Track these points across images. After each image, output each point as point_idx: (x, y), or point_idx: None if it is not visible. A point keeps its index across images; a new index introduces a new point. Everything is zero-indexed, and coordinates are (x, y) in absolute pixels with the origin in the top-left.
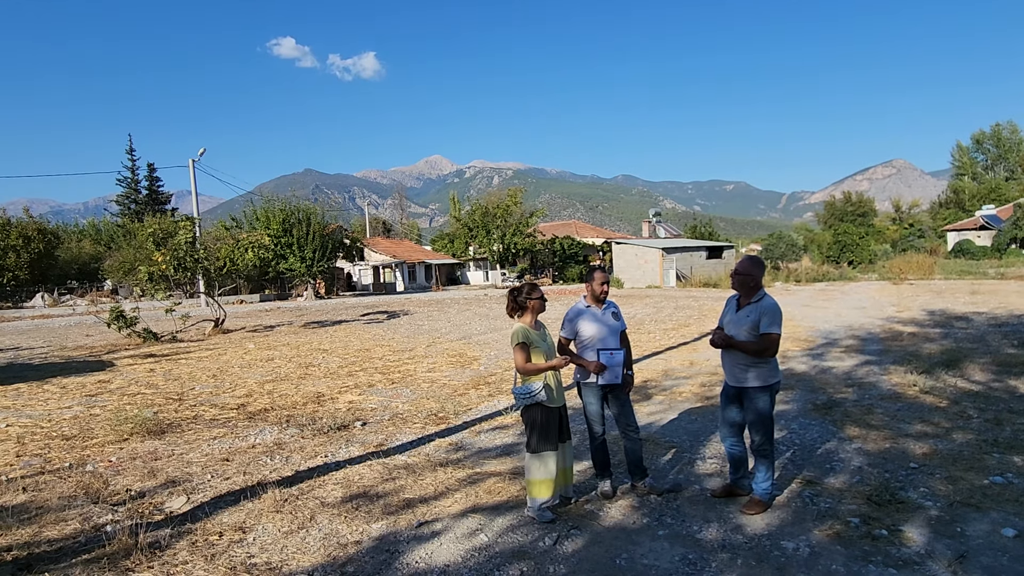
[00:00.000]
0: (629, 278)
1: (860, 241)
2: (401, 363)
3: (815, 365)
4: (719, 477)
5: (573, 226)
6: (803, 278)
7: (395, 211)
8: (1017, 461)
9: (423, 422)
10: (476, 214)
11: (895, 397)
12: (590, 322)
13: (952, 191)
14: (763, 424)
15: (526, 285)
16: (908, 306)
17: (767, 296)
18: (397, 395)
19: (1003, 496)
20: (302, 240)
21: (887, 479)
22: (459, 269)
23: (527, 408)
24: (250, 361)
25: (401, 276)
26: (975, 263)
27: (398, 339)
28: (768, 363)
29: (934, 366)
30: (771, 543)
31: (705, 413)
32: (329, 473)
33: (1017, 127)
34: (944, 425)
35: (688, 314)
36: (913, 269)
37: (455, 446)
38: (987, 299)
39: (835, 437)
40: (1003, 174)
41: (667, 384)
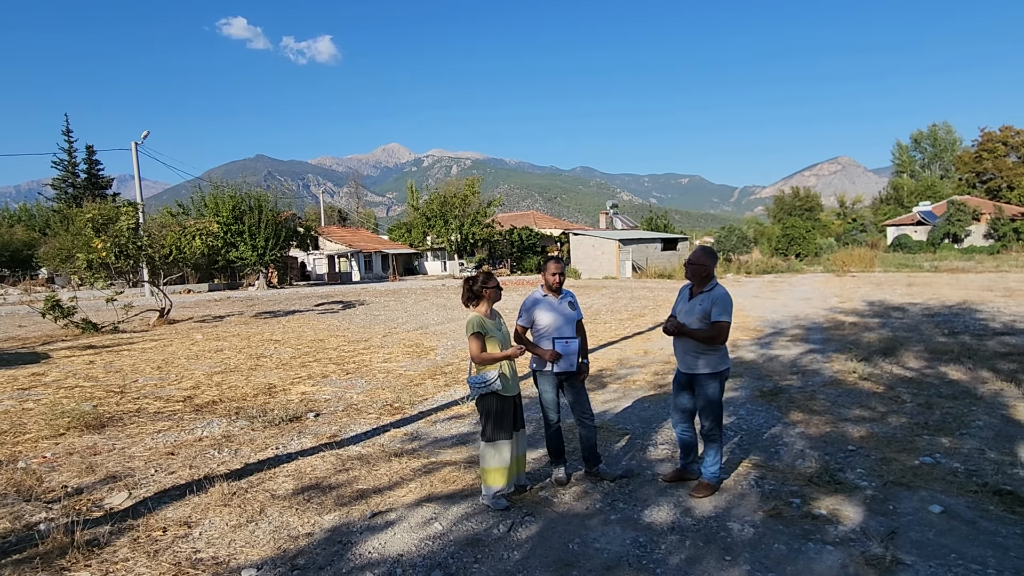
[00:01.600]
0: (586, 269)
1: (807, 235)
2: (356, 353)
3: (763, 353)
4: (670, 462)
5: (531, 217)
6: (753, 270)
7: (351, 199)
8: (945, 442)
9: (378, 412)
10: (434, 203)
11: (836, 383)
12: (546, 311)
13: (892, 188)
14: (712, 410)
15: (481, 274)
16: (850, 297)
17: (719, 286)
18: (352, 386)
19: (931, 475)
20: (253, 228)
21: (827, 461)
22: (416, 259)
23: (482, 397)
24: (198, 352)
25: (357, 266)
26: (912, 257)
27: (353, 329)
28: (718, 351)
29: (872, 354)
30: (718, 524)
31: (658, 401)
32: (280, 465)
33: (952, 128)
34: (880, 410)
35: (643, 304)
36: (855, 262)
37: (410, 436)
38: (922, 291)
39: (780, 422)
40: (938, 172)
41: (622, 373)
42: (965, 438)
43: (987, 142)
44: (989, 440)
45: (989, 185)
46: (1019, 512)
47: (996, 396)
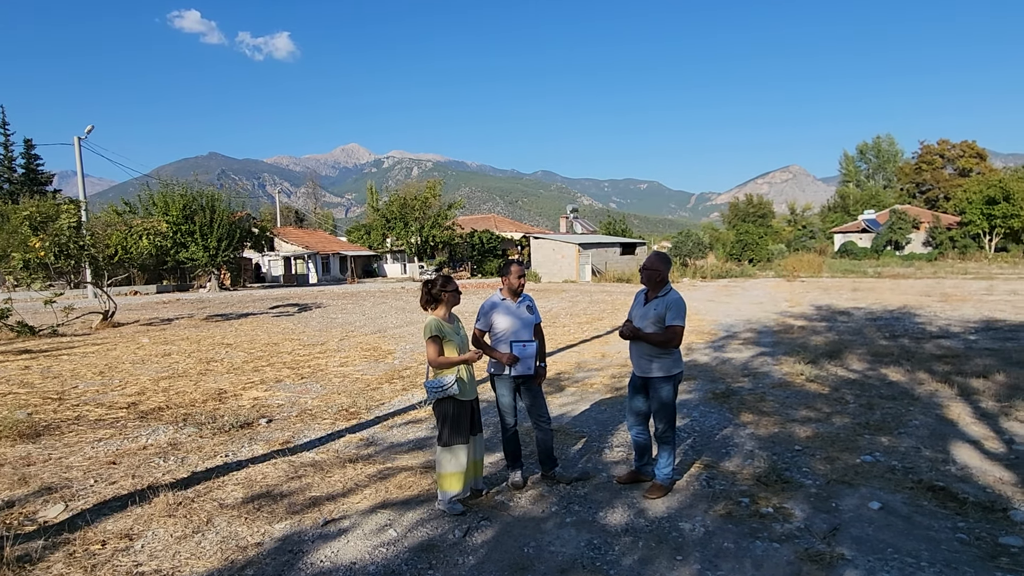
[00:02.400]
0: (546, 272)
1: (759, 240)
2: (311, 357)
3: (716, 356)
4: (625, 464)
5: (492, 220)
6: (708, 274)
7: (309, 200)
8: (884, 441)
9: (333, 418)
10: (394, 205)
11: (785, 385)
12: (504, 315)
13: (839, 196)
14: (666, 413)
15: (440, 278)
16: (799, 301)
17: (673, 290)
18: (306, 390)
19: (872, 473)
20: (205, 228)
21: (775, 461)
22: (376, 261)
23: (439, 401)
24: (143, 356)
25: (314, 267)
26: (857, 263)
27: (309, 332)
28: (672, 354)
29: (819, 356)
30: (670, 525)
31: (614, 403)
32: (229, 473)
33: (894, 140)
34: (825, 410)
35: (601, 308)
36: (805, 267)
37: (366, 441)
38: (866, 295)
39: (731, 423)
40: (882, 182)
41: (579, 376)
42: (903, 437)
43: (926, 154)
44: (924, 439)
45: (928, 195)
46: (950, 507)
47: (932, 396)
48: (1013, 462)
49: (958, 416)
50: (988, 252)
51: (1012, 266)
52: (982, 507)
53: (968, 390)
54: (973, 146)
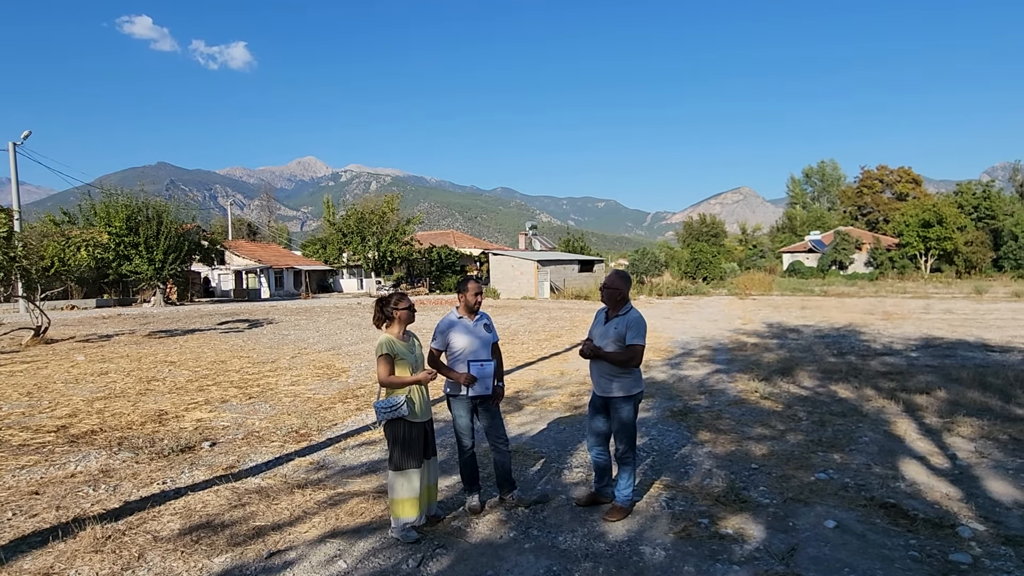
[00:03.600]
0: (505, 289)
1: (713, 259)
2: (261, 376)
3: (673, 373)
4: (585, 485)
5: (451, 236)
6: (664, 292)
7: (263, 213)
8: (836, 458)
9: (282, 440)
10: (351, 219)
11: (740, 402)
12: (462, 334)
13: (787, 217)
14: (627, 433)
15: (394, 294)
16: (752, 319)
17: (633, 309)
18: (254, 411)
19: (826, 490)
20: (151, 240)
21: (733, 480)
22: (331, 276)
23: (390, 423)
24: (78, 376)
25: (267, 282)
26: (804, 281)
27: (259, 350)
28: (632, 374)
29: (772, 374)
30: (631, 549)
31: (573, 422)
32: (167, 502)
33: (838, 165)
34: (779, 427)
35: (560, 325)
36: (756, 286)
37: (316, 465)
38: (813, 313)
39: (689, 442)
40: (826, 204)
41: (538, 394)
42: (854, 453)
43: (867, 179)
44: (874, 455)
45: (869, 217)
46: (902, 524)
47: (879, 413)
48: (958, 477)
49: (904, 432)
50: (924, 272)
51: (946, 286)
52: (932, 524)
53: (912, 406)
54: (909, 172)
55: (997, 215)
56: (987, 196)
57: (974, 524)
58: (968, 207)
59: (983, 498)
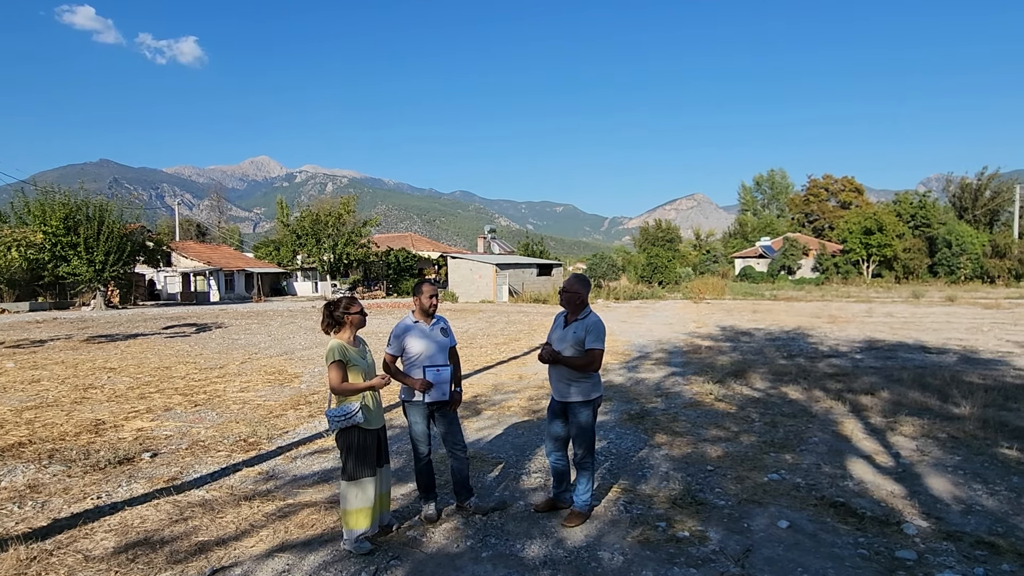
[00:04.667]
0: (464, 292)
1: (668, 264)
2: (208, 382)
3: (630, 377)
4: (543, 491)
5: (409, 239)
6: (621, 296)
7: (213, 213)
8: (788, 459)
9: (229, 449)
10: (306, 221)
11: (695, 405)
12: (418, 338)
13: (739, 224)
14: (585, 437)
15: (344, 299)
16: (705, 322)
17: (592, 313)
18: (200, 419)
19: (778, 491)
20: (91, 240)
21: (689, 482)
22: (285, 279)
23: (343, 431)
24: (6, 384)
25: (216, 285)
26: (755, 286)
27: (207, 355)
28: (591, 378)
29: (726, 376)
30: (589, 555)
31: (532, 427)
32: (101, 518)
33: (786, 174)
34: (733, 429)
35: (519, 328)
36: (709, 290)
37: (265, 475)
38: (764, 317)
39: (647, 445)
40: (776, 212)
41: (497, 399)
42: (804, 454)
43: (813, 187)
44: (824, 455)
45: (815, 224)
46: (851, 523)
47: (827, 414)
48: (901, 475)
49: (851, 432)
50: (866, 277)
51: (887, 290)
52: (879, 522)
53: (858, 407)
54: (852, 181)
55: (932, 224)
56: (923, 206)
57: (918, 521)
58: (906, 216)
59: (925, 495)
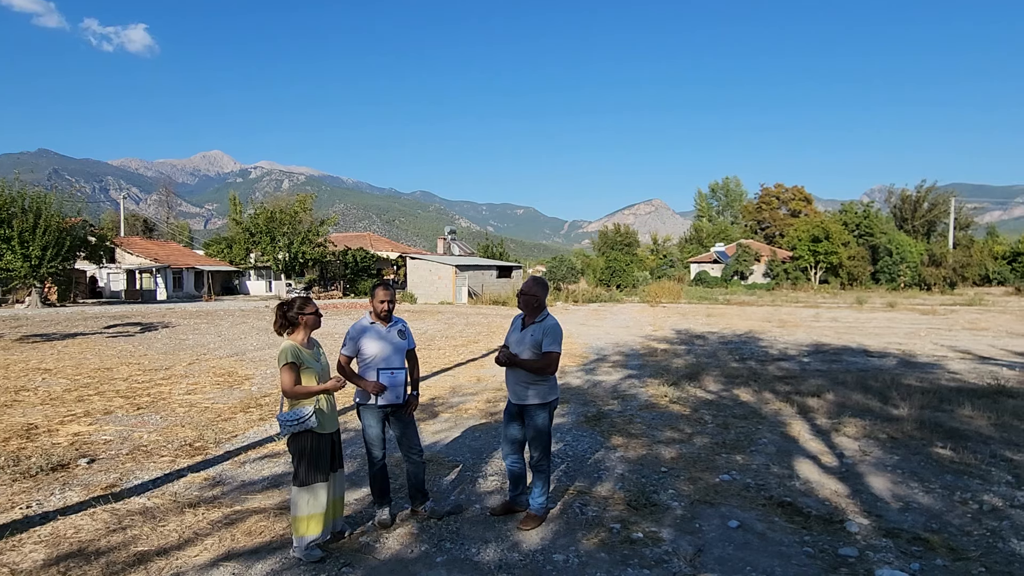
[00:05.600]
0: (423, 293)
1: (626, 268)
2: (153, 384)
3: (588, 379)
4: (500, 494)
5: (367, 238)
6: (580, 299)
7: (161, 208)
8: (739, 460)
9: (173, 454)
10: (260, 218)
11: (651, 407)
12: (374, 340)
13: (694, 229)
14: (542, 440)
15: (298, 299)
16: (662, 326)
17: (550, 316)
18: (142, 423)
19: (729, 491)
20: (26, 234)
21: (643, 484)
22: (237, 277)
23: (295, 436)
24: None
25: (164, 283)
26: (710, 290)
27: (152, 356)
28: (547, 381)
29: (680, 379)
30: (544, 558)
31: (489, 429)
32: (31, 529)
33: (740, 181)
34: (687, 431)
35: (477, 330)
36: (666, 294)
37: (212, 481)
38: (718, 320)
39: (603, 447)
40: (730, 218)
41: (454, 401)
42: (754, 455)
43: (765, 196)
44: (772, 456)
45: (767, 232)
46: (797, 521)
47: (776, 415)
48: (845, 475)
49: (798, 433)
50: (814, 283)
51: (832, 296)
52: (823, 520)
53: (805, 408)
54: (802, 191)
55: (875, 233)
56: (867, 215)
57: (860, 519)
58: (851, 225)
59: (867, 494)
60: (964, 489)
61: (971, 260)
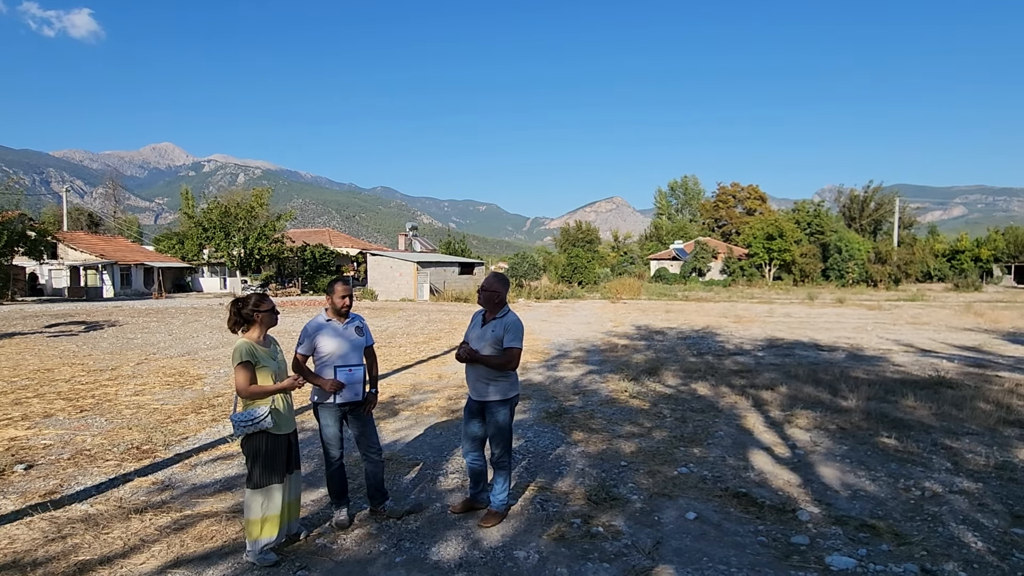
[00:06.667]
0: (384, 290)
1: (588, 264)
2: (97, 385)
3: (549, 375)
4: (460, 492)
5: (327, 234)
6: (542, 295)
7: (108, 202)
8: (696, 452)
9: (119, 458)
10: (213, 213)
11: (611, 402)
12: (330, 337)
13: (654, 227)
14: (502, 437)
15: (254, 295)
16: (622, 322)
17: (511, 312)
18: (86, 426)
19: (687, 484)
20: None
21: (603, 478)
22: (190, 274)
23: (249, 437)
24: None
25: (111, 280)
26: (669, 287)
27: (97, 356)
28: (508, 377)
29: (640, 374)
30: (505, 554)
31: (450, 427)
32: None
33: (698, 180)
34: (647, 425)
35: (439, 327)
36: (626, 290)
37: (161, 484)
38: (677, 316)
39: (564, 442)
40: (688, 216)
41: (415, 399)
42: (711, 447)
43: (722, 194)
44: (728, 448)
45: (724, 229)
46: (752, 512)
47: (732, 408)
48: (796, 465)
49: (753, 425)
50: (768, 280)
51: (785, 292)
52: (776, 510)
53: (760, 401)
54: (757, 190)
55: (825, 231)
56: (818, 214)
57: (811, 508)
58: (803, 223)
59: (817, 483)
60: (907, 476)
61: (914, 258)
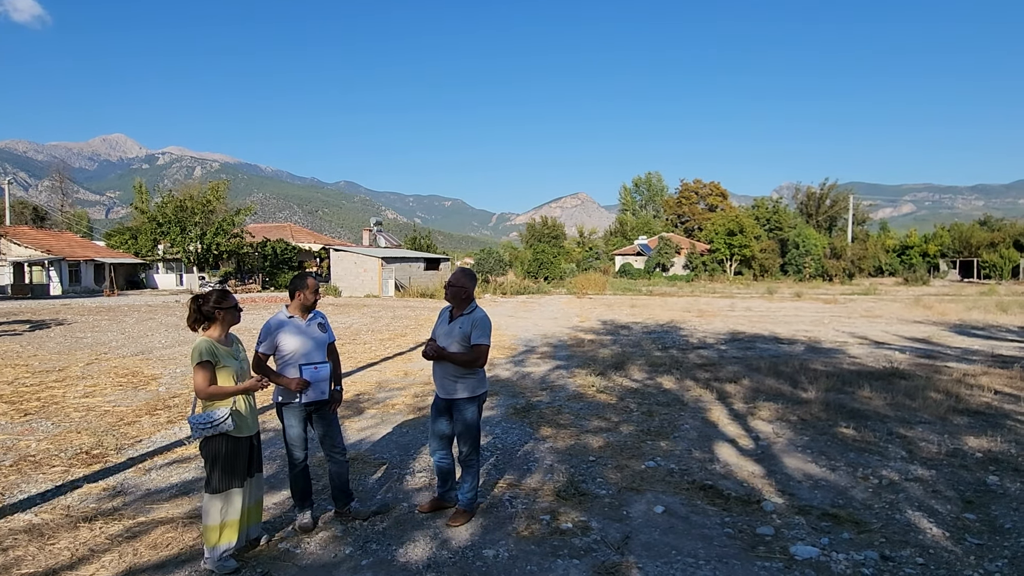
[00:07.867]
0: (347, 286)
1: (554, 260)
2: (43, 387)
3: (517, 371)
4: (428, 491)
5: (288, 229)
6: (509, 291)
7: (55, 196)
8: (663, 446)
9: (67, 464)
10: (168, 207)
11: (579, 397)
12: (293, 335)
13: (619, 223)
14: (470, 434)
15: (215, 292)
16: (588, 317)
17: (478, 308)
18: (30, 430)
19: (655, 478)
20: None
21: (572, 473)
22: (144, 270)
23: (208, 440)
24: None
25: (59, 276)
26: (633, 282)
27: (43, 356)
28: (476, 374)
29: (607, 368)
30: (474, 553)
31: (417, 425)
32: None
33: (662, 177)
34: (614, 419)
35: (405, 324)
36: (591, 285)
37: (112, 491)
38: (641, 311)
39: (532, 438)
40: (652, 212)
41: (381, 396)
42: (677, 441)
43: (685, 191)
44: (694, 441)
45: (687, 225)
46: (718, 504)
47: (697, 401)
48: (760, 457)
49: (718, 418)
50: (729, 275)
51: (746, 287)
52: (742, 501)
53: (724, 394)
54: (718, 186)
55: (783, 227)
56: (776, 211)
57: (775, 498)
58: (763, 219)
59: (780, 474)
60: (865, 465)
61: (867, 253)
